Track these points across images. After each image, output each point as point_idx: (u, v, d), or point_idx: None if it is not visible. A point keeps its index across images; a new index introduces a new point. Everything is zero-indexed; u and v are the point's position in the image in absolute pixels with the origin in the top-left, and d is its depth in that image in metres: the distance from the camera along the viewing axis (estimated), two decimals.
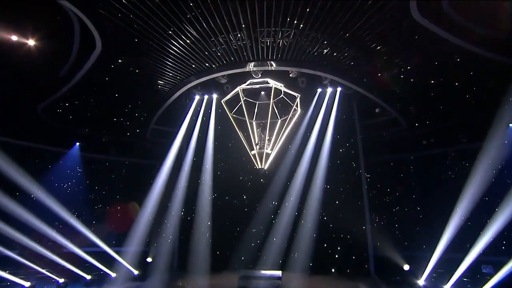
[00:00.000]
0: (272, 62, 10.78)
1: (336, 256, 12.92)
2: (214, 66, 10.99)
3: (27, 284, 10.28)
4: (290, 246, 12.67)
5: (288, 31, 9.52)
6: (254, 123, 12.52)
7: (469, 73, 10.43)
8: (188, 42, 9.80)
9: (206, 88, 13.02)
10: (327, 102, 13.14)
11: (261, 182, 13.75)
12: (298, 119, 12.76)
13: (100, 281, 11.91)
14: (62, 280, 11.14)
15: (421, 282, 11.26)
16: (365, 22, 8.82)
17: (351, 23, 8.91)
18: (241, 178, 14.11)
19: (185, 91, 12.56)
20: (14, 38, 8.73)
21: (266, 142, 11.66)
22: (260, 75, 11.37)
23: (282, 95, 12.32)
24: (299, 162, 13.28)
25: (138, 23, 8.78)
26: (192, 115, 14.01)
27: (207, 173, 13.98)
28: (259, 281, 11.32)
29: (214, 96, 13.74)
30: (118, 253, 12.91)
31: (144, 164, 15.48)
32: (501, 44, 8.78)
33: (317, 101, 13.21)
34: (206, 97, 13.84)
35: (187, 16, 8.73)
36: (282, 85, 11.80)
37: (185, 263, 13.06)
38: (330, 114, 13.18)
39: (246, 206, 13.87)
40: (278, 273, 11.72)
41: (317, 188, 12.85)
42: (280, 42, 9.93)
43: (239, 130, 12.07)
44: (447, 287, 10.50)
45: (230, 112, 12.29)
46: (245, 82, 11.90)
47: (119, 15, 8.42)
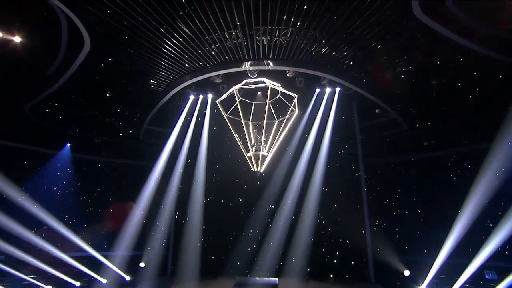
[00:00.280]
0: (268, 62, 10.51)
1: (334, 261, 12.68)
2: (208, 65, 10.71)
3: None
4: (287, 251, 12.42)
5: (285, 29, 9.25)
6: (250, 124, 12.27)
7: (472, 73, 10.22)
8: (181, 40, 9.52)
9: (201, 88, 12.71)
10: (326, 103, 12.87)
11: (257, 185, 13.44)
12: (295, 120, 12.52)
13: None
14: (49, 287, 10.84)
15: None
16: (364, 20, 8.56)
17: (351, 21, 8.65)
18: (237, 180, 13.83)
19: (179, 91, 12.25)
20: None
21: (263, 144, 11.39)
22: (256, 75, 11.12)
23: (279, 95, 12.07)
24: (297, 164, 13.00)
25: (128, 20, 8.47)
26: (187, 116, 13.68)
27: (202, 175, 13.67)
28: None
29: (209, 96, 13.42)
30: (109, 258, 12.59)
31: (137, 165, 15.21)
32: (505, 43, 8.56)
33: (315, 101, 12.94)
34: (201, 97, 13.50)
35: (180, 13, 8.44)
36: (279, 85, 11.55)
37: (179, 268, 12.73)
38: (329, 114, 12.92)
39: (242, 209, 13.59)
40: (274, 280, 11.48)
41: (315, 191, 12.60)
42: (276, 40, 9.66)
43: (235, 131, 11.79)
44: None
45: (226, 112, 12.04)
46: (241, 82, 11.62)
47: (108, 12, 8.12)
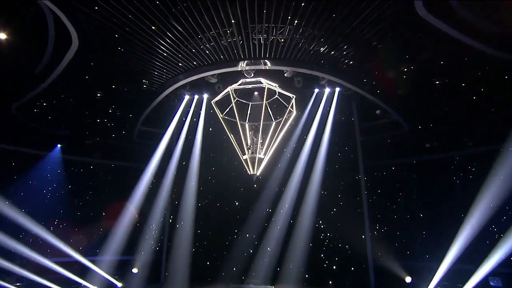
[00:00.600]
0: (265, 61, 10.25)
1: (333, 267, 12.49)
2: (202, 64, 10.45)
3: None
4: (285, 256, 12.22)
5: (282, 27, 8.97)
6: (246, 126, 12.01)
7: (476, 73, 9.98)
8: (173, 38, 9.22)
9: (196, 87, 12.48)
10: (325, 103, 12.65)
11: (254, 188, 13.24)
12: (293, 121, 12.26)
13: None
14: None
15: None
16: (365, 18, 8.27)
17: (350, 19, 8.36)
18: (233, 183, 13.59)
19: (173, 91, 12.01)
20: None
21: (259, 146, 11.12)
22: (252, 75, 10.85)
23: (276, 96, 11.83)
24: (294, 166, 12.81)
25: (118, 17, 8.17)
26: (181, 116, 13.47)
27: (197, 177, 13.48)
28: None
29: (205, 96, 13.18)
30: (99, 263, 12.35)
31: (131, 167, 14.96)
32: (511, 42, 8.31)
33: (314, 102, 12.73)
34: (196, 97, 13.28)
35: (172, 10, 8.14)
36: (277, 85, 11.30)
37: (172, 274, 12.55)
38: (328, 115, 12.70)
39: (238, 213, 13.37)
40: None
41: (313, 194, 12.40)
42: (273, 39, 9.39)
43: (230, 132, 11.53)
44: None
45: (221, 113, 11.79)
46: (237, 82, 11.35)
47: (96, 8, 7.83)
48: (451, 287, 10.40)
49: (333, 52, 9.91)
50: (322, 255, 12.52)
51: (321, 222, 12.63)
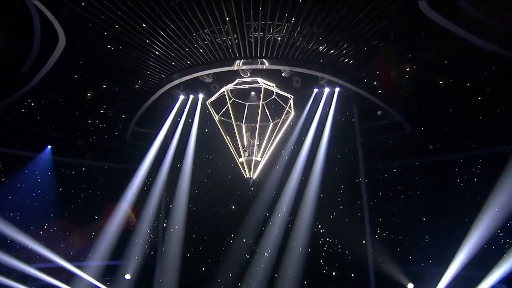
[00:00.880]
0: (262, 60, 10.00)
1: (333, 273, 12.27)
2: (196, 64, 10.21)
3: None
4: (282, 262, 11.94)
5: (279, 25, 8.71)
6: (243, 127, 11.76)
7: (482, 72, 9.75)
8: (165, 36, 8.94)
9: (190, 87, 12.19)
10: (324, 104, 12.39)
11: (251, 191, 12.90)
12: (292, 122, 11.95)
13: None
14: None
15: None
16: (366, 15, 8.01)
17: (351, 16, 8.09)
18: (229, 186, 13.29)
19: (166, 91, 11.75)
20: None
21: (256, 148, 10.85)
22: (249, 74, 10.58)
23: (274, 96, 11.58)
24: (293, 169, 12.54)
25: (106, 14, 7.89)
26: (176, 117, 13.18)
27: (192, 180, 13.20)
28: None
29: (200, 96, 12.88)
30: (90, 269, 12.13)
31: (125, 168, 14.72)
32: None
33: (313, 102, 12.46)
34: (191, 97, 12.98)
35: (164, 7, 7.86)
36: (274, 85, 11.02)
37: (166, 281, 12.28)
38: (327, 116, 12.45)
39: (234, 217, 13.04)
40: None
41: (312, 197, 12.12)
42: (270, 37, 9.13)
43: (226, 134, 11.26)
44: None
45: (217, 114, 11.53)
46: (233, 82, 11.05)
47: (83, 4, 7.56)
48: None
49: (332, 51, 9.66)
50: (321, 261, 12.29)
51: (320, 226, 12.40)
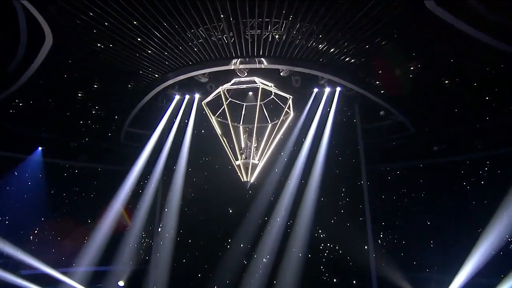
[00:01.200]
0: (259, 59, 9.77)
1: (334, 280, 12.14)
2: (190, 63, 10.00)
3: None
4: (281, 268, 11.75)
5: (276, 22, 8.48)
6: (240, 128, 11.52)
7: (490, 71, 9.52)
8: (158, 35, 8.69)
9: (186, 87, 11.98)
10: (325, 104, 12.21)
11: (249, 194, 12.70)
12: (291, 123, 11.75)
13: None
14: None
15: None
16: (368, 12, 7.77)
17: (352, 12, 7.84)
18: (226, 189, 13.01)
19: (161, 91, 11.55)
20: None
21: (253, 150, 10.61)
22: (246, 74, 10.33)
23: (272, 96, 11.34)
24: (292, 171, 12.39)
25: (94, 10, 7.65)
26: (172, 118, 13.01)
27: (188, 183, 13.09)
28: None
29: (196, 96, 12.65)
30: (82, 274, 11.94)
31: (119, 170, 14.43)
32: None
33: (313, 102, 12.28)
34: (187, 97, 12.76)
35: (156, 3, 7.62)
36: (272, 84, 10.78)
37: (161, 287, 12.10)
38: (328, 117, 12.28)
39: (231, 221, 12.87)
40: None
41: (312, 201, 11.97)
42: (267, 35, 8.90)
43: (222, 136, 11.02)
44: None
45: (213, 114, 11.29)
46: (230, 81, 10.80)
47: (70, 1, 7.32)
48: None
49: (333, 49, 9.43)
50: (321, 267, 12.15)
51: (320, 231, 12.29)
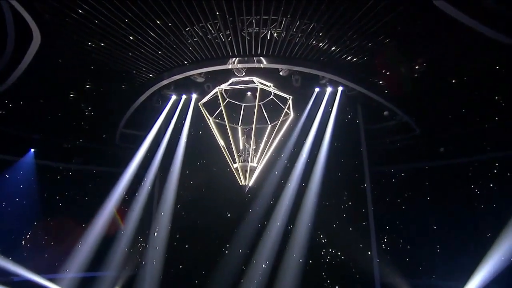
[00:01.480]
0: (257, 58, 9.55)
1: (336, 286, 11.93)
2: (186, 63, 9.79)
3: None
4: (281, 274, 11.56)
5: (274, 20, 8.24)
6: (239, 129, 11.29)
7: (500, 70, 9.21)
8: (151, 33, 8.43)
9: (182, 87, 11.79)
10: (326, 104, 12.02)
11: (248, 198, 12.49)
12: (291, 124, 11.53)
13: None
14: None
15: None
16: (371, 8, 7.47)
17: (354, 9, 7.57)
18: (225, 192, 12.76)
19: (156, 91, 11.32)
20: None
21: (252, 153, 10.35)
22: (244, 73, 10.08)
23: (272, 97, 11.09)
24: (292, 174, 12.20)
25: (83, 7, 7.40)
26: (169, 118, 12.87)
27: (185, 186, 13.00)
28: None
29: (194, 96, 12.47)
30: (76, 281, 11.80)
31: (115, 172, 14.23)
32: None
33: (313, 102, 12.10)
34: (184, 97, 12.59)
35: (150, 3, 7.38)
36: (271, 84, 10.52)
37: None
38: (329, 117, 12.07)
39: (229, 225, 12.67)
40: None
41: (313, 205, 11.78)
42: (265, 33, 8.67)
43: (220, 138, 10.78)
44: None
45: (211, 116, 11.06)
46: (228, 81, 10.58)
47: None
48: None
49: (334, 47, 9.15)
50: (323, 273, 11.95)
51: (322, 236, 12.12)
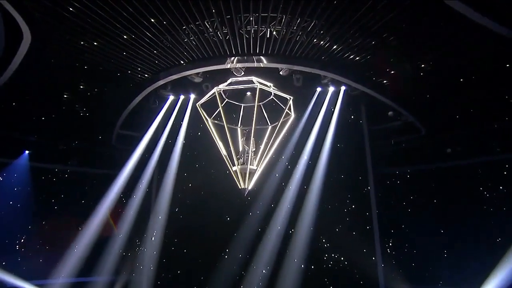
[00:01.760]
0: (257, 57, 9.42)
1: None
2: (182, 62, 9.69)
3: None
4: (282, 280, 11.42)
5: (273, 17, 8.08)
6: (238, 131, 11.14)
7: (510, 69, 9.05)
8: (146, 32, 8.31)
9: (180, 87, 11.72)
10: (328, 104, 11.89)
11: (248, 201, 12.34)
12: (292, 125, 11.37)
13: None
14: None
15: None
16: (374, 4, 7.33)
17: (355, 7, 7.42)
18: (224, 195, 12.67)
19: (152, 91, 11.23)
20: None
21: (251, 155, 10.18)
22: (243, 73, 9.95)
23: (272, 97, 10.93)
24: (293, 176, 12.08)
25: (76, 7, 7.27)
26: (166, 119, 12.81)
27: (183, 189, 12.92)
28: None
29: (192, 96, 12.36)
30: (71, 286, 11.69)
31: (111, 174, 14.12)
32: None
33: (315, 102, 11.97)
34: (182, 97, 12.49)
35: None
36: (271, 84, 10.36)
37: None
38: (332, 118, 11.94)
39: (229, 229, 12.51)
40: None
41: (314, 209, 11.66)
42: (264, 31, 8.53)
43: (218, 140, 10.61)
44: None
45: (209, 116, 10.90)
46: (226, 81, 10.42)
47: None
48: None
49: (336, 46, 8.98)
50: (325, 279, 11.77)
51: (324, 240, 11.95)
